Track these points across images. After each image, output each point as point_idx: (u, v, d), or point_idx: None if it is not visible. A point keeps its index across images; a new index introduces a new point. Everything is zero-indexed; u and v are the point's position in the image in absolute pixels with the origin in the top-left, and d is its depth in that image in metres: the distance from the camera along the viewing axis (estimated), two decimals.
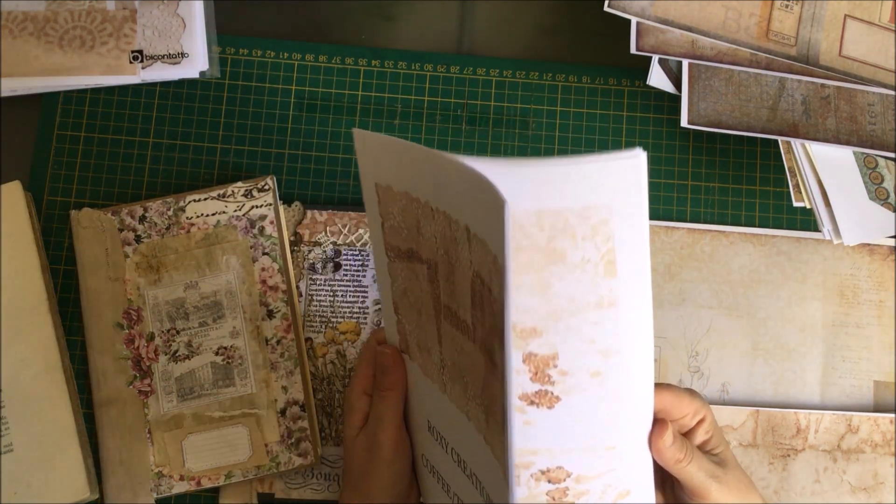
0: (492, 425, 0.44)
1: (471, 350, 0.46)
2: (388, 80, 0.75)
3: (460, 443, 0.51)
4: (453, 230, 0.44)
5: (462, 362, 0.47)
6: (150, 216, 0.70)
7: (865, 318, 0.72)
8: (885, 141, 0.71)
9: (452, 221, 0.43)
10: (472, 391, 0.47)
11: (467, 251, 0.43)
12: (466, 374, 0.47)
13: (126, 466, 0.67)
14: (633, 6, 0.71)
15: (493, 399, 0.43)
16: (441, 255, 0.46)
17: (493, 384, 0.43)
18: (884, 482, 0.69)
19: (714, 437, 0.54)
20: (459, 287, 0.45)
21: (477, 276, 0.42)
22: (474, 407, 0.47)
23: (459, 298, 0.45)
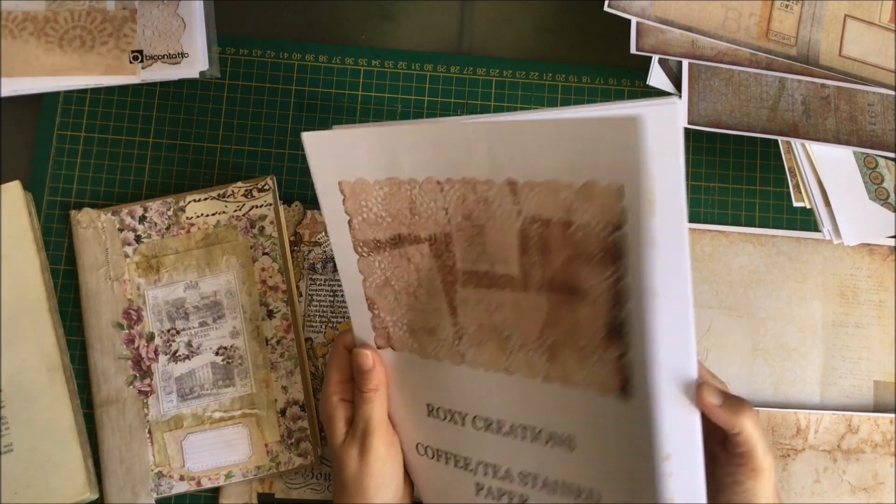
0: (566, 359, 0.47)
1: (517, 300, 0.48)
2: (388, 80, 0.75)
3: (492, 405, 0.52)
4: (482, 192, 0.48)
5: (499, 319, 0.49)
6: (150, 216, 0.70)
7: (865, 318, 0.72)
8: (885, 141, 0.71)
9: (480, 184, 0.47)
10: (517, 342, 0.49)
11: (510, 203, 0.47)
12: (507, 328, 0.49)
13: (126, 466, 0.67)
14: (633, 6, 0.71)
15: (576, 328, 0.46)
16: (457, 223, 0.49)
17: (572, 314, 0.46)
18: (884, 482, 0.69)
19: None
20: (495, 244, 0.48)
21: (535, 220, 0.46)
22: (522, 357, 0.49)
23: (496, 255, 0.48)
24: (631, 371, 0.46)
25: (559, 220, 0.46)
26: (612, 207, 0.44)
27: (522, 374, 0.50)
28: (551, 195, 0.46)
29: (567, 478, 0.50)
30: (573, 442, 0.49)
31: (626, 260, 0.44)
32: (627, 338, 0.45)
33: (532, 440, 0.51)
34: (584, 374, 0.47)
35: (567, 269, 0.46)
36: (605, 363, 0.46)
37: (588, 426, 0.49)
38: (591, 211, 0.45)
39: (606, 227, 0.44)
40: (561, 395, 0.49)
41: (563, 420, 0.49)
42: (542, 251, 0.47)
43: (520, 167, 0.46)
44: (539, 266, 0.47)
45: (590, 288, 0.46)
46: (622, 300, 0.45)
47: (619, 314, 0.45)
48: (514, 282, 0.48)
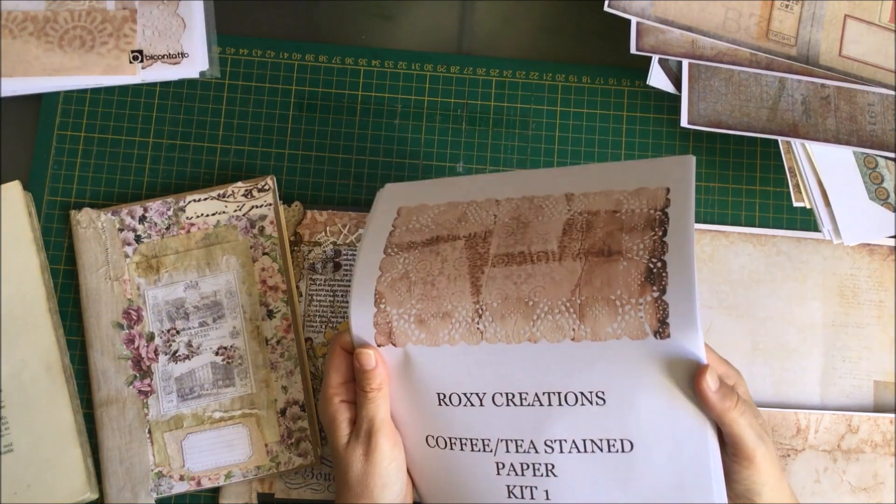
0: (597, 313, 0.51)
1: (550, 269, 0.53)
2: (388, 80, 0.75)
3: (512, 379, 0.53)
4: (538, 202, 0.56)
5: (527, 289, 0.53)
6: (150, 216, 0.70)
7: (865, 318, 0.72)
8: (885, 141, 0.71)
9: (538, 197, 0.57)
10: (544, 307, 0.52)
11: (564, 206, 0.55)
12: (535, 296, 0.53)
13: (126, 466, 0.67)
14: (633, 6, 0.71)
15: (610, 282, 0.51)
16: (505, 224, 0.56)
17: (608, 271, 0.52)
18: (884, 482, 0.69)
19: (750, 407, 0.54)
20: (536, 233, 0.55)
21: (583, 212, 0.55)
22: (549, 321, 0.52)
23: (535, 238, 0.55)
24: (668, 310, 0.50)
25: (607, 210, 0.54)
26: (659, 198, 0.53)
27: (547, 339, 0.52)
28: (604, 198, 0.55)
29: (598, 434, 0.52)
30: (603, 396, 0.51)
31: (668, 226, 0.52)
32: (665, 279, 0.50)
33: (559, 404, 0.52)
34: (617, 325, 0.50)
35: (608, 238, 0.53)
36: (642, 307, 0.50)
37: (621, 376, 0.51)
38: (639, 202, 0.54)
39: (653, 209, 0.53)
40: (590, 351, 0.51)
41: (592, 377, 0.51)
42: (586, 230, 0.54)
43: (578, 185, 0.56)
44: (579, 241, 0.53)
45: (629, 247, 0.52)
46: (662, 251, 0.51)
47: (657, 262, 0.51)
48: (550, 255, 0.53)
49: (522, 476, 0.54)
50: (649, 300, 0.50)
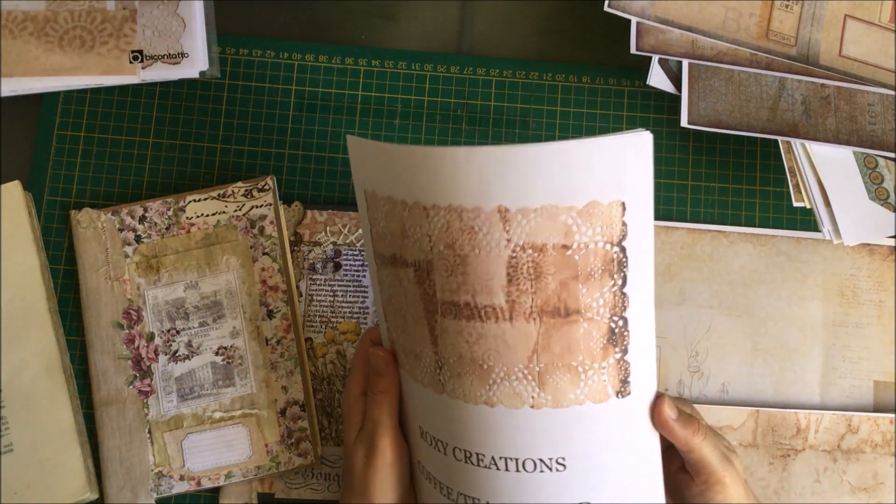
0: (558, 381, 0.47)
1: (501, 331, 0.47)
2: (388, 80, 0.75)
3: (471, 438, 0.50)
4: (468, 220, 0.46)
5: (480, 350, 0.48)
6: (150, 216, 0.70)
7: (865, 318, 0.72)
8: (885, 141, 0.71)
9: (466, 211, 0.46)
10: (499, 373, 0.48)
11: (500, 232, 0.45)
12: (488, 359, 0.48)
13: (126, 466, 0.67)
14: (633, 6, 0.71)
15: (571, 348, 0.47)
16: (440, 252, 0.47)
17: (567, 335, 0.47)
18: (884, 482, 0.69)
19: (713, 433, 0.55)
20: (479, 274, 0.47)
21: (526, 247, 0.46)
22: (506, 388, 0.48)
23: (478, 285, 0.47)
24: (629, 368, 0.48)
25: (556, 244, 0.46)
26: (614, 224, 0.45)
27: (505, 405, 0.49)
28: (548, 220, 0.45)
29: (555, 500, 0.50)
30: (564, 462, 0.49)
31: (627, 270, 0.46)
32: (626, 338, 0.47)
33: (516, 471, 0.50)
34: (580, 391, 0.48)
35: (563, 291, 0.46)
36: (604, 370, 0.48)
37: (583, 441, 0.49)
38: (592, 230, 0.45)
39: (608, 242, 0.46)
40: (550, 419, 0.48)
41: (552, 444, 0.49)
42: (534, 278, 0.46)
43: (514, 194, 0.45)
44: (529, 293, 0.47)
45: (588, 304, 0.47)
46: (623, 306, 0.47)
47: (619, 319, 0.47)
48: (499, 312, 0.47)
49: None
50: (612, 363, 0.48)
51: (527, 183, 0.45)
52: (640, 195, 0.45)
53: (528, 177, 0.45)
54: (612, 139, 0.44)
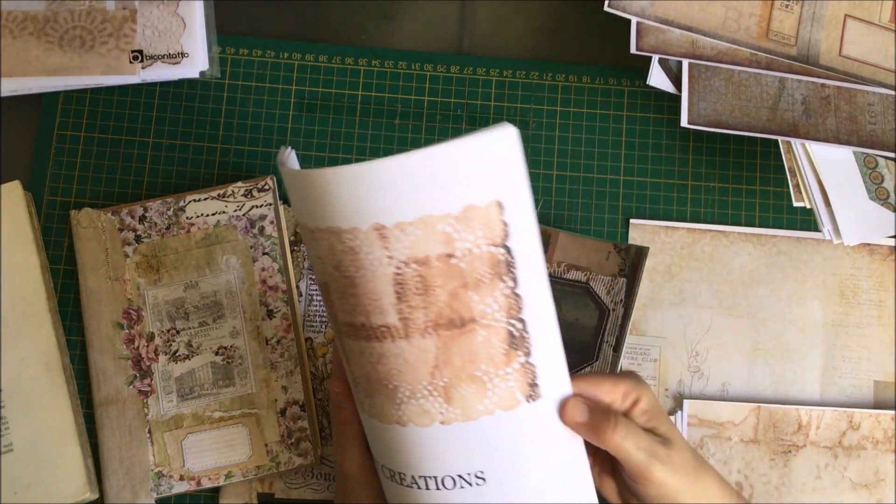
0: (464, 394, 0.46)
1: (399, 350, 0.46)
2: (388, 80, 0.75)
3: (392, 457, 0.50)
4: (347, 241, 0.44)
5: (383, 371, 0.47)
6: (150, 216, 0.70)
7: (865, 318, 0.72)
8: (885, 141, 0.71)
9: (345, 233, 0.44)
10: (405, 393, 0.47)
11: (381, 250, 0.44)
12: (392, 379, 0.47)
13: (126, 466, 0.67)
14: (633, 6, 0.71)
15: (472, 358, 0.46)
16: (330, 274, 0.46)
17: (466, 346, 0.45)
18: (885, 479, 0.69)
19: (654, 418, 0.53)
20: (368, 294, 0.45)
21: (409, 261, 0.44)
22: (413, 407, 0.47)
23: (370, 306, 0.46)
24: (536, 370, 0.47)
25: (439, 254, 0.44)
26: (494, 224, 0.44)
27: (416, 424, 0.47)
28: (427, 230, 0.44)
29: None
30: (483, 476, 0.48)
31: (516, 270, 0.45)
32: (528, 340, 0.46)
33: (437, 489, 0.49)
34: (488, 400, 0.47)
35: (454, 301, 0.45)
36: (510, 375, 0.46)
37: (498, 450, 0.48)
38: (473, 234, 0.44)
39: (492, 244, 0.44)
40: (462, 433, 0.47)
41: (468, 458, 0.48)
42: (423, 293, 0.45)
43: (387, 209, 0.44)
44: (420, 309, 0.45)
45: (482, 311, 0.45)
46: (519, 308, 0.45)
47: (516, 322, 0.46)
48: (394, 331, 0.46)
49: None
50: (517, 367, 0.46)
51: (399, 196, 0.43)
52: (515, 191, 0.44)
53: (398, 190, 0.43)
54: (475, 139, 0.43)
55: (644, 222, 0.73)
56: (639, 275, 0.69)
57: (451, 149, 0.43)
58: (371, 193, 0.43)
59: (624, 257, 0.69)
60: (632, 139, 0.75)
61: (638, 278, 0.69)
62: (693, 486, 0.52)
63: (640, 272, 0.69)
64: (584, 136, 0.74)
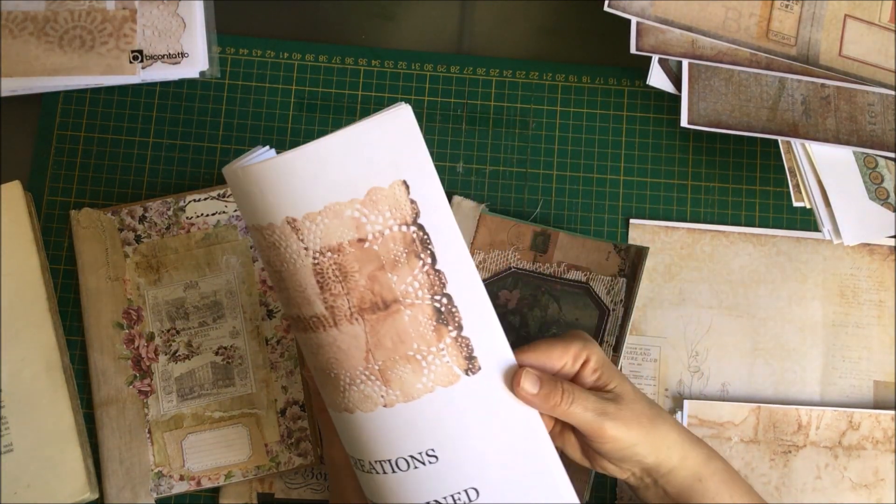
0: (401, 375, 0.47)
1: (332, 338, 0.47)
2: (388, 80, 0.75)
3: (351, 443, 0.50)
4: (268, 237, 0.46)
5: (322, 360, 0.48)
6: (150, 216, 0.70)
7: (865, 318, 0.72)
8: (885, 141, 0.71)
9: (264, 229, 0.46)
10: (345, 380, 0.48)
11: (297, 243, 0.45)
12: (332, 368, 0.48)
13: (126, 466, 0.67)
14: (633, 6, 0.71)
15: (403, 338, 0.46)
16: (266, 269, 0.48)
17: (395, 326, 0.46)
18: (884, 479, 0.69)
19: (604, 375, 0.54)
20: (295, 287, 0.47)
21: (324, 251, 0.45)
22: (356, 393, 0.48)
23: (298, 298, 0.47)
24: (471, 343, 0.47)
25: (351, 240, 0.45)
26: (402, 204, 0.45)
27: (361, 410, 0.48)
28: (335, 218, 0.45)
29: (440, 493, 0.49)
30: (434, 453, 0.49)
31: (433, 246, 0.46)
32: (457, 313, 0.47)
33: (392, 472, 0.49)
34: (426, 378, 0.47)
35: (374, 284, 0.46)
36: (444, 351, 0.47)
37: (445, 427, 0.48)
38: (381, 216, 0.45)
39: (403, 224, 0.46)
40: (407, 414, 0.48)
41: (417, 438, 0.48)
42: (342, 279, 0.46)
43: (294, 202, 0.45)
44: (342, 296, 0.46)
45: (405, 291, 0.46)
46: (442, 283, 0.47)
47: (441, 298, 0.47)
48: (324, 320, 0.47)
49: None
50: (449, 342, 0.47)
51: (303, 188, 0.45)
52: (419, 169, 0.45)
53: (302, 182, 0.44)
54: (369, 121, 0.44)
55: (644, 222, 0.73)
56: (639, 275, 0.69)
57: (347, 134, 0.44)
58: (277, 189, 0.45)
59: (624, 257, 0.69)
60: (632, 139, 0.75)
61: (638, 278, 0.69)
62: (649, 436, 0.53)
63: (640, 272, 0.69)
64: (584, 136, 0.74)
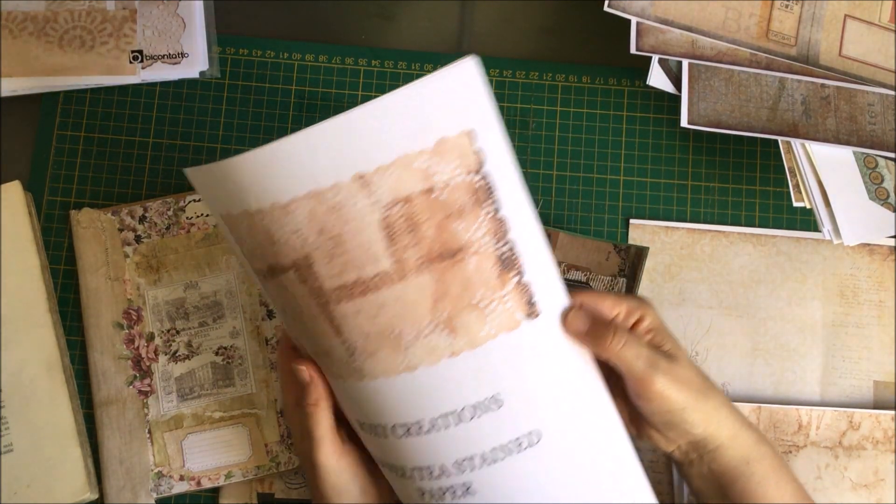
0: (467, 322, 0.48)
1: (398, 293, 0.47)
2: (388, 80, 0.75)
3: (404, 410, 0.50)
4: (330, 200, 0.46)
5: (384, 321, 0.48)
6: (150, 216, 0.70)
7: (865, 318, 0.72)
8: (885, 141, 0.71)
9: (325, 192, 0.46)
10: (410, 335, 0.48)
11: (365, 199, 0.46)
12: (395, 326, 0.48)
13: (126, 466, 0.67)
14: (633, 6, 0.71)
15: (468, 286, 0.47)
16: (313, 241, 0.47)
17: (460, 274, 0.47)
18: (884, 479, 0.69)
19: (658, 336, 0.53)
20: (358, 246, 0.47)
21: (393, 203, 0.46)
22: (420, 347, 0.48)
23: (361, 258, 0.47)
24: (531, 288, 0.48)
25: (420, 190, 0.46)
26: (467, 154, 0.46)
27: (425, 364, 0.49)
28: (405, 170, 0.46)
29: (505, 438, 0.50)
30: (499, 398, 0.49)
31: (496, 194, 0.47)
32: (519, 260, 0.48)
33: (456, 424, 0.49)
34: (490, 325, 0.48)
35: (441, 233, 0.47)
36: (507, 297, 0.48)
37: (509, 373, 0.49)
38: (448, 166, 0.46)
39: (468, 173, 0.47)
40: (472, 361, 0.48)
41: (481, 385, 0.49)
42: (411, 230, 0.47)
43: (366, 157, 0.45)
44: (411, 247, 0.47)
45: (470, 239, 0.47)
46: (505, 230, 0.48)
47: (506, 244, 0.48)
48: (389, 276, 0.47)
49: (443, 500, 0.52)
50: (512, 288, 0.48)
51: (374, 142, 0.45)
52: (484, 120, 0.47)
53: (373, 136, 0.45)
54: (439, 74, 0.46)
55: (644, 222, 0.73)
56: (639, 275, 0.69)
57: (416, 87, 0.45)
58: (347, 146, 0.45)
59: (624, 257, 0.69)
60: (632, 139, 0.75)
61: (638, 278, 0.69)
62: (699, 403, 0.52)
63: (640, 272, 0.69)
64: (584, 136, 0.74)
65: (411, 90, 0.45)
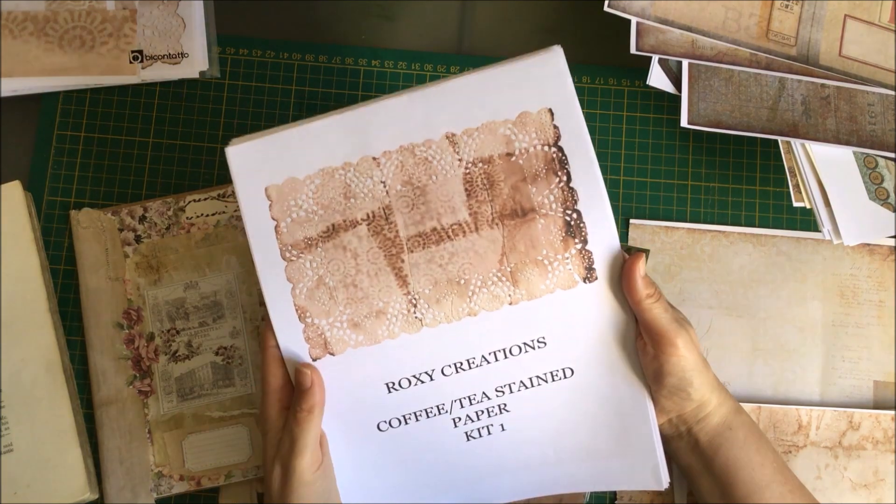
0: (529, 276, 0.55)
1: (471, 243, 0.55)
2: (388, 80, 0.75)
3: (458, 350, 0.56)
4: (421, 153, 0.54)
5: (454, 268, 0.55)
6: (150, 216, 0.70)
7: (865, 318, 0.72)
8: (885, 141, 0.71)
9: (418, 146, 0.54)
10: (477, 283, 0.55)
11: (451, 154, 0.54)
12: (464, 273, 0.55)
13: (126, 466, 0.67)
14: (633, 6, 0.71)
15: (534, 244, 0.55)
16: (397, 192, 0.55)
17: (529, 233, 0.55)
18: (884, 479, 0.69)
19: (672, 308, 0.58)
20: (440, 197, 0.55)
21: (476, 161, 0.54)
22: (485, 294, 0.55)
23: (441, 207, 0.55)
24: (592, 256, 0.55)
25: (500, 153, 0.54)
26: (546, 127, 0.54)
27: (486, 310, 0.56)
28: (490, 134, 0.54)
29: (543, 369, 0.57)
30: (544, 340, 0.56)
31: (569, 167, 0.54)
32: (584, 229, 0.55)
33: (504, 358, 0.57)
34: (549, 281, 0.55)
35: (515, 193, 0.54)
36: (569, 260, 0.55)
37: (559, 321, 0.56)
38: (528, 136, 0.54)
39: (545, 144, 0.54)
40: (528, 310, 0.56)
41: (532, 329, 0.56)
42: (489, 187, 0.54)
43: (456, 119, 0.54)
44: (487, 202, 0.55)
45: (541, 202, 0.54)
46: (574, 200, 0.54)
47: (572, 213, 0.55)
48: (465, 226, 0.55)
49: (478, 421, 0.58)
50: (574, 253, 0.55)
51: (466, 107, 0.54)
52: (564, 100, 0.54)
53: (466, 101, 0.54)
54: (528, 60, 0.54)
55: (644, 222, 0.73)
56: None
57: (506, 68, 0.54)
58: (443, 108, 0.54)
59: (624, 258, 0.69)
60: (632, 139, 0.75)
61: None
62: (705, 368, 0.58)
63: None
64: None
65: (502, 69, 0.54)
